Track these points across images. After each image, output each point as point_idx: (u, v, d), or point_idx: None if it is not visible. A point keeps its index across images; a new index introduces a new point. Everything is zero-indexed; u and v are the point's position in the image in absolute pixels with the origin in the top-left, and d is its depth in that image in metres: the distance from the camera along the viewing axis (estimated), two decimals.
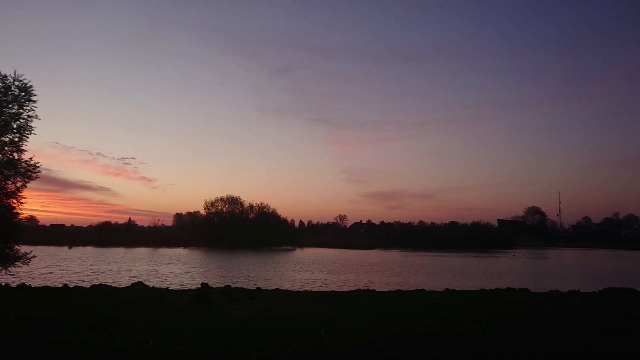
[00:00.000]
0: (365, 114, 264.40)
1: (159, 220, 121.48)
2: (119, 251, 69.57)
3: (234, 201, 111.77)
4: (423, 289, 23.96)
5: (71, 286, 21.59)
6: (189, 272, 37.54)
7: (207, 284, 24.13)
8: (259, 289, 22.59)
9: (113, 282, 27.52)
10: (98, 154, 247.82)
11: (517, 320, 12.96)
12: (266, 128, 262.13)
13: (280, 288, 24.50)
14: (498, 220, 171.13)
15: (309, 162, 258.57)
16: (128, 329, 10.85)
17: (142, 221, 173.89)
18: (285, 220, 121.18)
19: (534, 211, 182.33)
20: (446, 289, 24.46)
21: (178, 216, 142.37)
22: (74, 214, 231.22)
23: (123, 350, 8.74)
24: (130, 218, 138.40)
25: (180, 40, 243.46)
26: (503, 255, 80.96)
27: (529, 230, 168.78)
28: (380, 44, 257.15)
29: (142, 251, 71.23)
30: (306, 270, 41.82)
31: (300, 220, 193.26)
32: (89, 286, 21.94)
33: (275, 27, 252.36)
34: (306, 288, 26.75)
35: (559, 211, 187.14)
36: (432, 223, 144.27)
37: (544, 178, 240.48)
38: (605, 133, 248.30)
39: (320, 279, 33.89)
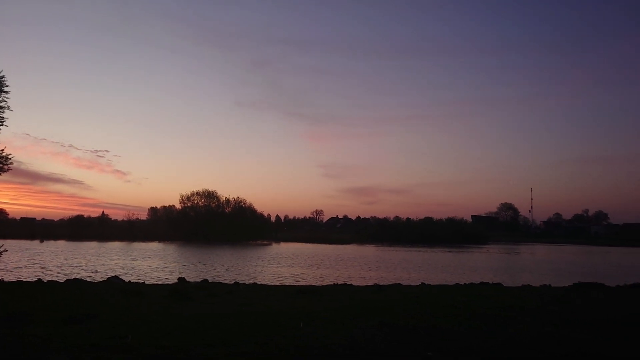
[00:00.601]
0: (343, 109, 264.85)
1: (133, 214, 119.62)
2: (93, 245, 68.52)
3: (210, 195, 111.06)
4: (399, 284, 24.29)
5: (45, 281, 21.22)
6: (165, 267, 37.23)
7: (184, 278, 23.96)
8: (236, 283, 22.57)
9: (88, 276, 27.12)
10: (70, 146, 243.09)
11: (492, 314, 13.26)
12: (243, 122, 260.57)
13: (258, 283, 24.54)
14: (472, 216, 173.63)
15: (286, 157, 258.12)
16: (105, 323, 10.76)
17: (116, 215, 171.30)
18: (261, 215, 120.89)
19: (507, 207, 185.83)
20: (422, 283, 24.83)
21: (153, 210, 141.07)
22: (45, 207, 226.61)
23: (102, 344, 8.68)
24: (103, 212, 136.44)
25: (155, 31, 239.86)
26: (477, 250, 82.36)
27: (501, 226, 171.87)
28: (358, 39, 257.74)
29: (117, 245, 70.28)
30: (284, 265, 41.90)
31: (277, 215, 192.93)
32: (63, 281, 21.59)
33: (252, 20, 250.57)
34: (284, 283, 26.83)
35: (531, 207, 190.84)
36: (407, 218, 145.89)
37: (516, 175, 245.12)
38: (577, 131, 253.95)
39: (298, 274, 34.01)
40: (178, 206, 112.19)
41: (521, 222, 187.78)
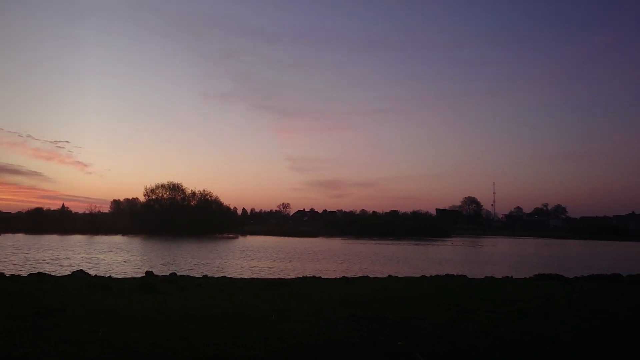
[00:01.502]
0: (311, 102, 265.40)
1: (95, 207, 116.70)
2: (54, 239, 66.76)
3: (175, 188, 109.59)
4: (367, 276, 24.62)
5: (8, 275, 20.66)
6: (131, 260, 36.67)
7: (151, 272, 23.72)
8: (205, 276, 22.50)
9: (53, 270, 26.51)
10: (29, 136, 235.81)
11: (457, 305, 13.65)
12: (209, 114, 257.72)
13: (227, 276, 24.49)
14: (437, 209, 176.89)
15: (253, 150, 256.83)
16: (74, 317, 10.61)
17: (77, 208, 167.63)
18: (228, 208, 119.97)
19: (471, 201, 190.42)
20: (389, 275, 25.25)
21: (116, 203, 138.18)
22: (1, 199, 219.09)
23: (73, 338, 8.59)
24: (63, 204, 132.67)
25: (120, 19, 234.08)
26: (441, 243, 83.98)
27: (465, 219, 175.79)
28: (325, 32, 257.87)
29: (79, 239, 68.67)
30: (252, 258, 41.85)
31: (243, 208, 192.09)
32: (27, 275, 21.05)
33: (221, 11, 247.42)
34: (253, 276, 26.85)
35: (494, 201, 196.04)
36: (373, 212, 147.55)
37: (480, 169, 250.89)
38: (538, 128, 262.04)
39: (267, 267, 34.06)
40: (142, 199, 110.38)
41: (484, 216, 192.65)
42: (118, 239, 72.41)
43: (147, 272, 23.44)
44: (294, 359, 7.85)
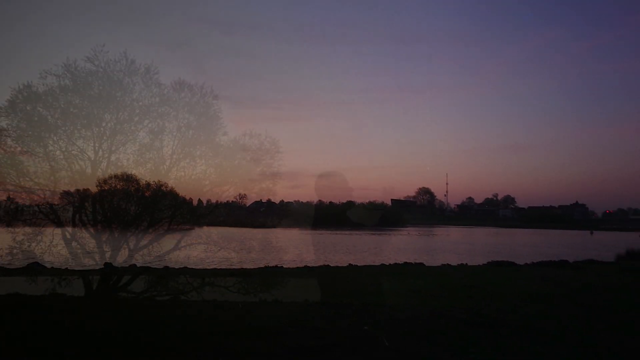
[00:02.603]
0: (266, 93, 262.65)
1: (44, 198, 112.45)
2: (1, 231, 64.09)
3: (129, 178, 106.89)
4: (328, 265, 25.01)
5: None
6: (86, 253, 35.72)
7: (111, 263, 23.27)
8: (167, 267, 22.28)
9: (5, 264, 25.55)
10: None
11: (416, 290, 14.24)
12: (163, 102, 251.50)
13: (188, 267, 24.34)
14: (392, 199, 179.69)
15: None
16: (38, 309, 10.52)
17: (24, 199, 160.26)
18: (183, 199, 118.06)
19: (424, 192, 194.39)
20: (349, 264, 25.72)
21: (66, 194, 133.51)
22: None
23: (40, 331, 8.54)
24: (9, 195, 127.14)
25: (68, 4, 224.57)
26: (397, 232, 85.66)
27: (419, 209, 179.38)
28: (282, 22, 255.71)
29: (28, 231, 66.08)
30: (211, 249, 41.49)
31: (199, 199, 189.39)
32: None
33: None
34: (214, 266, 26.79)
35: (446, 192, 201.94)
36: (330, 202, 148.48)
37: (433, 161, 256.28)
38: (488, 120, 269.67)
39: (227, 258, 33.89)
40: (94, 190, 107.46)
41: (437, 206, 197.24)
42: (69, 230, 70.24)
43: (106, 264, 22.95)
44: (263, 344, 8.09)
